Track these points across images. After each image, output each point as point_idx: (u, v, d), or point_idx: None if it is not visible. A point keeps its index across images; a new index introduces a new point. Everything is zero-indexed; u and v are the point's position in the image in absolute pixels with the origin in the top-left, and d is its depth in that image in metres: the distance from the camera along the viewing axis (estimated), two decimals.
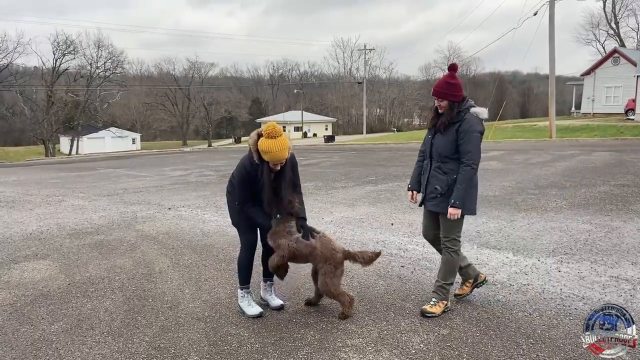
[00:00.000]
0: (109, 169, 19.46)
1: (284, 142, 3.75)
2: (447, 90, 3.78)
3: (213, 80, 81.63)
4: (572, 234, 6.24)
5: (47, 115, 52.83)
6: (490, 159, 16.21)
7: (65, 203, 10.26)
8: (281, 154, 3.76)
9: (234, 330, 3.84)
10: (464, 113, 3.80)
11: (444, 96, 3.80)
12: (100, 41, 58.53)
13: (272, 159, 3.78)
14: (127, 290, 4.81)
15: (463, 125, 3.77)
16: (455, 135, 3.80)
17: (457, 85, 3.78)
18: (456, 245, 3.98)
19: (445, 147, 3.86)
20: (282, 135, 3.77)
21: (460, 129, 3.77)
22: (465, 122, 3.77)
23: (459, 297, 4.24)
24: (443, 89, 3.79)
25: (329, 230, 6.96)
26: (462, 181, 3.78)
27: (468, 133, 3.75)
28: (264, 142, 3.74)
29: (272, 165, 3.85)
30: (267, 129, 3.75)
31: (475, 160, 3.78)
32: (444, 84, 3.80)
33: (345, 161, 18.67)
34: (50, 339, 3.79)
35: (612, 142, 21.32)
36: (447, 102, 3.80)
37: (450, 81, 3.79)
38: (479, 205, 8.15)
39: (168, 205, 9.55)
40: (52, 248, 6.51)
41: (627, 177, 10.72)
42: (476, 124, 3.78)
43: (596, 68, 39.22)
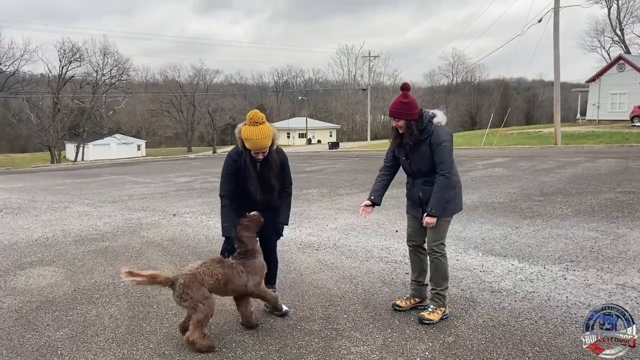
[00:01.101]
0: (114, 176, 19.53)
1: (266, 130, 3.69)
2: (401, 109, 3.84)
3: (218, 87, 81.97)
4: (578, 241, 6.21)
5: (53, 122, 53.19)
6: (495, 165, 16.18)
7: (70, 209, 10.30)
8: (263, 142, 3.69)
9: (239, 337, 3.83)
10: (430, 126, 3.86)
11: (399, 116, 3.86)
12: (106, 48, 59.13)
13: (254, 147, 3.72)
14: (132, 296, 4.81)
15: (432, 138, 3.85)
16: (429, 149, 3.87)
17: (410, 103, 3.83)
18: (443, 250, 4.05)
19: (425, 163, 3.93)
20: (265, 123, 3.71)
21: (431, 142, 3.85)
22: (433, 135, 3.85)
23: (396, 308, 4.20)
24: (398, 109, 3.85)
25: (335, 237, 6.95)
26: (438, 190, 3.86)
27: (439, 145, 3.84)
28: (245, 129, 3.69)
29: (254, 154, 3.78)
30: (249, 115, 3.70)
31: (448, 169, 3.87)
32: (398, 104, 3.85)
33: (349, 168, 18.68)
34: (55, 345, 3.80)
35: (618, 149, 21.24)
36: (404, 122, 3.86)
37: (404, 100, 3.84)
38: (482, 212, 8.16)
39: (173, 211, 9.57)
40: (58, 254, 6.53)
41: (633, 184, 10.66)
42: (444, 134, 3.88)
43: (601, 75, 39.12)
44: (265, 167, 3.88)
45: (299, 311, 4.29)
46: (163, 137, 77.30)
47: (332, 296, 4.61)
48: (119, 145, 60.01)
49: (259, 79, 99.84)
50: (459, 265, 5.35)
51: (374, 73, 77.61)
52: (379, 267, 5.44)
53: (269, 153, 3.86)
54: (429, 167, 3.92)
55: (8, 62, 51.94)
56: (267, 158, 3.87)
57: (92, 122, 57.64)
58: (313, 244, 6.61)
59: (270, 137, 3.74)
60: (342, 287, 4.83)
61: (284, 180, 4.05)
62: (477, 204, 8.94)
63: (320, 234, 7.14)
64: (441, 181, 3.85)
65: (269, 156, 3.87)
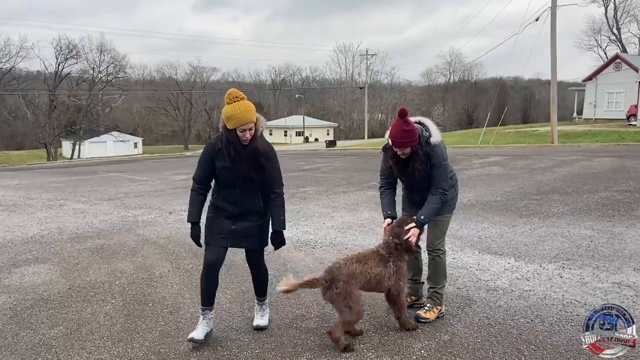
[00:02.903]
0: (110, 173, 19.48)
1: (248, 104, 3.46)
2: (407, 138, 3.66)
3: (215, 85, 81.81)
4: (574, 239, 6.22)
5: (49, 119, 53.03)
6: (492, 164, 16.20)
7: (66, 207, 10.26)
8: (246, 115, 3.41)
9: (234, 335, 3.82)
10: (429, 148, 3.77)
11: (407, 145, 3.69)
12: (103, 45, 58.88)
13: (238, 123, 3.41)
14: (128, 294, 4.79)
15: (433, 159, 3.78)
16: (429, 169, 3.81)
17: (412, 130, 3.65)
18: (444, 247, 4.07)
19: (425, 181, 3.88)
20: (245, 99, 3.48)
21: (432, 162, 3.79)
22: (434, 156, 3.78)
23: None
24: (404, 139, 3.65)
25: (332, 235, 6.95)
26: (436, 202, 3.82)
27: (439, 166, 3.80)
28: (226, 108, 3.44)
29: (240, 133, 3.46)
30: (227, 93, 3.46)
31: (446, 188, 3.85)
32: (402, 132, 3.64)
33: (346, 166, 18.67)
34: (50, 343, 3.78)
35: (614, 148, 21.29)
36: (410, 148, 3.72)
37: (407, 128, 3.64)
38: (479, 210, 8.17)
39: (169, 209, 9.54)
40: (53, 252, 6.51)
41: (629, 182, 10.69)
42: (442, 152, 3.82)
43: (598, 74, 39.23)
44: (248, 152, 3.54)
45: (295, 309, 4.28)
46: (160, 135, 77.21)
47: None
48: (115, 143, 59.83)
49: (256, 77, 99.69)
50: (455, 264, 5.35)
51: (371, 71, 77.71)
52: None
53: (254, 139, 3.54)
54: (428, 184, 3.87)
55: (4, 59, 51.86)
56: (252, 143, 3.54)
57: (89, 120, 57.45)
58: (310, 242, 6.61)
59: (254, 111, 3.48)
60: None
61: (272, 176, 3.67)
62: (473, 203, 8.94)
63: (317, 232, 7.13)
64: (439, 198, 3.82)
65: (253, 141, 3.54)
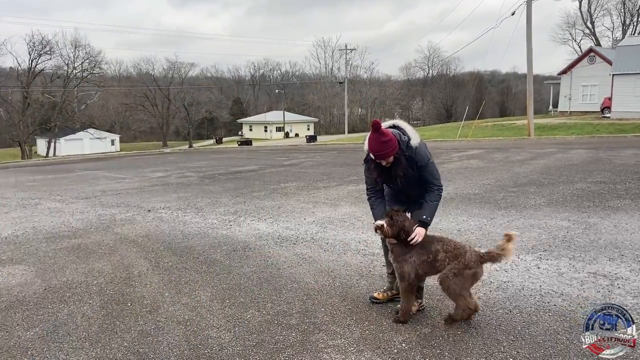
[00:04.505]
0: (87, 171, 19.14)
1: None
2: (387, 149, 3.65)
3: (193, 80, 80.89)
4: (550, 230, 6.32)
5: (23, 116, 51.80)
6: (470, 157, 16.37)
7: (41, 206, 10.05)
8: None
9: (215, 333, 3.79)
10: (410, 152, 3.76)
11: (387, 155, 3.68)
12: (77, 41, 57.67)
13: None
14: (105, 294, 4.72)
15: (419, 161, 3.77)
16: (417, 172, 3.81)
17: (390, 140, 3.64)
18: None
19: (413, 185, 3.89)
20: None
21: (417, 165, 3.78)
22: (418, 158, 3.77)
23: (373, 301, 4.22)
24: (384, 150, 3.65)
25: (312, 230, 6.94)
26: (435, 199, 3.86)
27: (426, 167, 3.80)
28: None
29: None
30: None
31: (440, 183, 3.88)
32: (380, 145, 3.64)
33: (327, 161, 18.67)
34: (25, 345, 3.70)
35: (589, 140, 21.71)
36: (392, 157, 3.72)
37: (384, 139, 3.63)
38: (458, 203, 8.24)
39: (148, 207, 9.42)
40: (28, 252, 6.37)
41: (604, 174, 10.91)
42: (425, 153, 3.81)
43: (573, 67, 39.87)
44: None
45: (276, 305, 4.27)
46: (138, 131, 76.07)
47: (309, 290, 4.60)
48: (92, 140, 58.74)
49: (235, 72, 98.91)
50: None
51: (350, 66, 77.70)
52: (357, 260, 5.45)
53: None
54: (418, 187, 3.88)
55: None
56: None
57: (64, 117, 56.22)
58: (290, 237, 6.59)
59: None
60: (319, 281, 4.82)
61: None
62: (452, 196, 9.02)
63: (298, 228, 7.12)
64: (437, 194, 3.85)
65: None
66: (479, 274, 3.66)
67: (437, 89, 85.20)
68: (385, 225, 3.69)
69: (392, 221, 3.69)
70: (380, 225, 3.70)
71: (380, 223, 3.71)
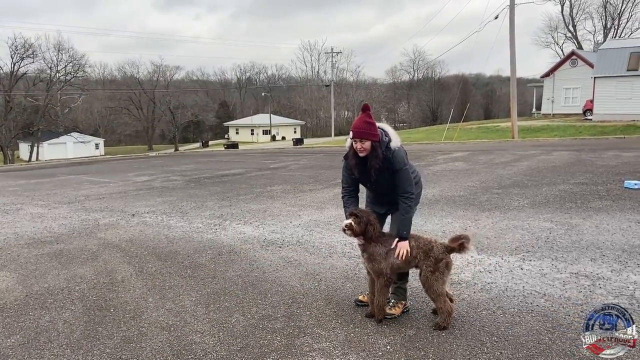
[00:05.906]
0: (70, 176, 18.89)
1: None
2: (368, 130, 3.65)
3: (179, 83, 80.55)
4: (533, 232, 6.39)
5: (5, 120, 50.98)
6: (455, 159, 16.49)
7: (23, 211, 9.90)
8: None
9: (199, 338, 3.76)
10: (389, 153, 3.75)
11: (366, 136, 3.65)
12: (60, 44, 56.92)
13: None
14: (88, 300, 4.66)
15: (394, 165, 3.75)
16: (391, 175, 3.80)
17: (374, 125, 3.68)
18: None
19: (388, 187, 3.89)
20: None
21: (393, 168, 3.77)
22: (394, 161, 3.75)
23: (358, 303, 4.23)
24: (364, 129, 3.64)
25: (298, 234, 6.93)
26: (405, 212, 3.81)
27: (400, 172, 3.78)
28: None
29: None
30: None
31: (411, 191, 3.83)
32: (364, 123, 3.65)
33: (313, 164, 18.67)
34: (6, 353, 3.64)
35: (571, 142, 22.01)
36: (370, 143, 3.68)
37: (369, 120, 3.66)
38: (443, 205, 8.30)
39: (132, 211, 9.33)
40: (9, 258, 6.26)
41: (586, 175, 11.07)
42: (402, 158, 3.79)
43: (555, 70, 40.43)
44: None
45: (261, 309, 4.25)
46: (122, 135, 75.47)
47: (295, 293, 4.59)
48: (75, 144, 58.06)
49: (221, 76, 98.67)
50: None
51: (337, 69, 77.94)
52: (342, 263, 5.45)
53: None
54: (393, 191, 3.87)
55: None
56: None
57: (47, 121, 55.48)
58: (276, 241, 6.57)
59: None
60: (305, 284, 4.82)
61: None
62: (438, 198, 9.08)
63: (284, 231, 7.10)
64: (408, 206, 3.81)
65: None
66: (450, 263, 3.82)
67: (422, 91, 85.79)
68: (353, 223, 3.74)
69: (358, 218, 3.75)
70: (348, 224, 3.74)
71: (348, 222, 3.75)
